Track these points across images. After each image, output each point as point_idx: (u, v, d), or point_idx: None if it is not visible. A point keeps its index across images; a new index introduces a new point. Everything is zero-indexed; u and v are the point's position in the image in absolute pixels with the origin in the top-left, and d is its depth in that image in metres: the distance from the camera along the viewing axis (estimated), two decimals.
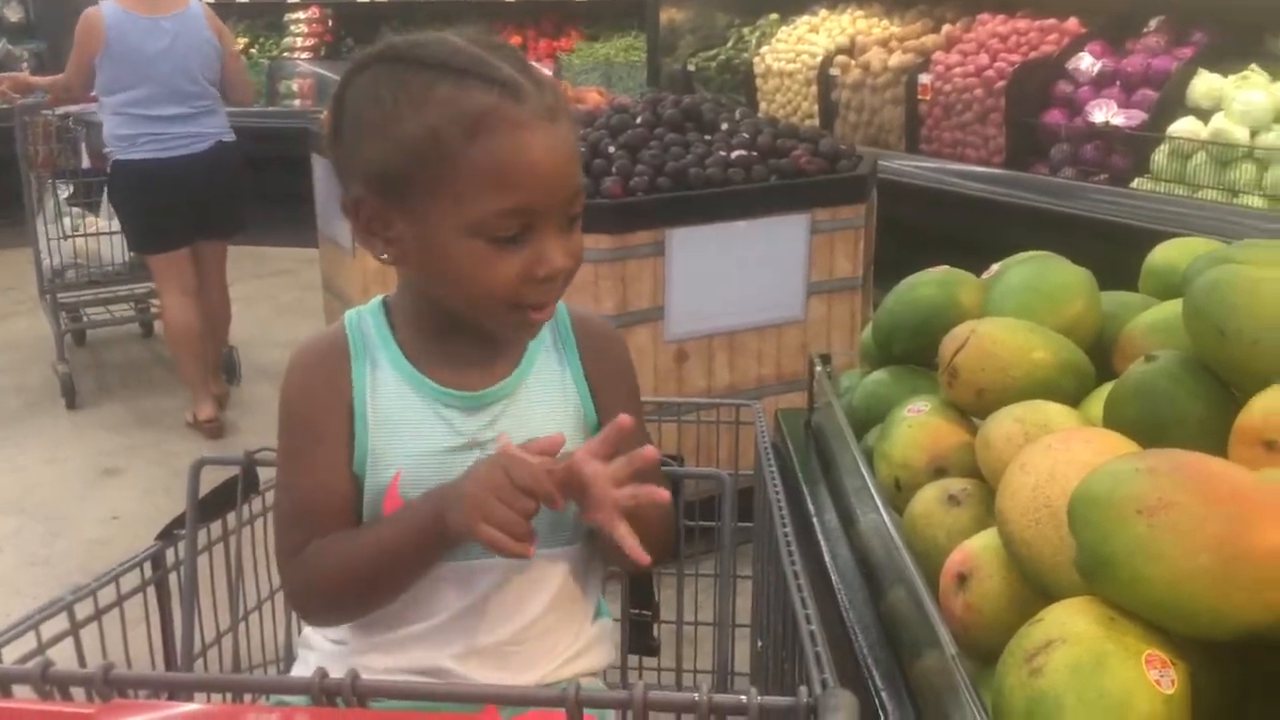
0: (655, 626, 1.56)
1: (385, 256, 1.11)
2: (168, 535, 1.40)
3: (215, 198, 4.26)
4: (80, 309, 5.16)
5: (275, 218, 6.02)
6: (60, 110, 4.74)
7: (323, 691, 0.90)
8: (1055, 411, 1.20)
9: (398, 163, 1.04)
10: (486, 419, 1.15)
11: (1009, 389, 1.28)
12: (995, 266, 1.62)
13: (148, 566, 1.36)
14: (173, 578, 1.40)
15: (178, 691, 1.04)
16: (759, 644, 1.73)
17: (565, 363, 1.22)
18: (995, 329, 1.33)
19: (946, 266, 1.59)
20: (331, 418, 1.13)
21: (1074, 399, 1.29)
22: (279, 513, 1.16)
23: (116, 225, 4.61)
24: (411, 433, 1.13)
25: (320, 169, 4.76)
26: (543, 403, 1.19)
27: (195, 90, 4.19)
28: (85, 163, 4.88)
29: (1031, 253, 1.61)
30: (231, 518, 1.42)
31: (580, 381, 1.22)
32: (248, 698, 1.21)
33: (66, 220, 4.86)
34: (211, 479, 1.44)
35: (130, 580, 1.33)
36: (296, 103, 7.34)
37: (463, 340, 1.15)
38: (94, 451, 4.16)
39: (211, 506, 1.39)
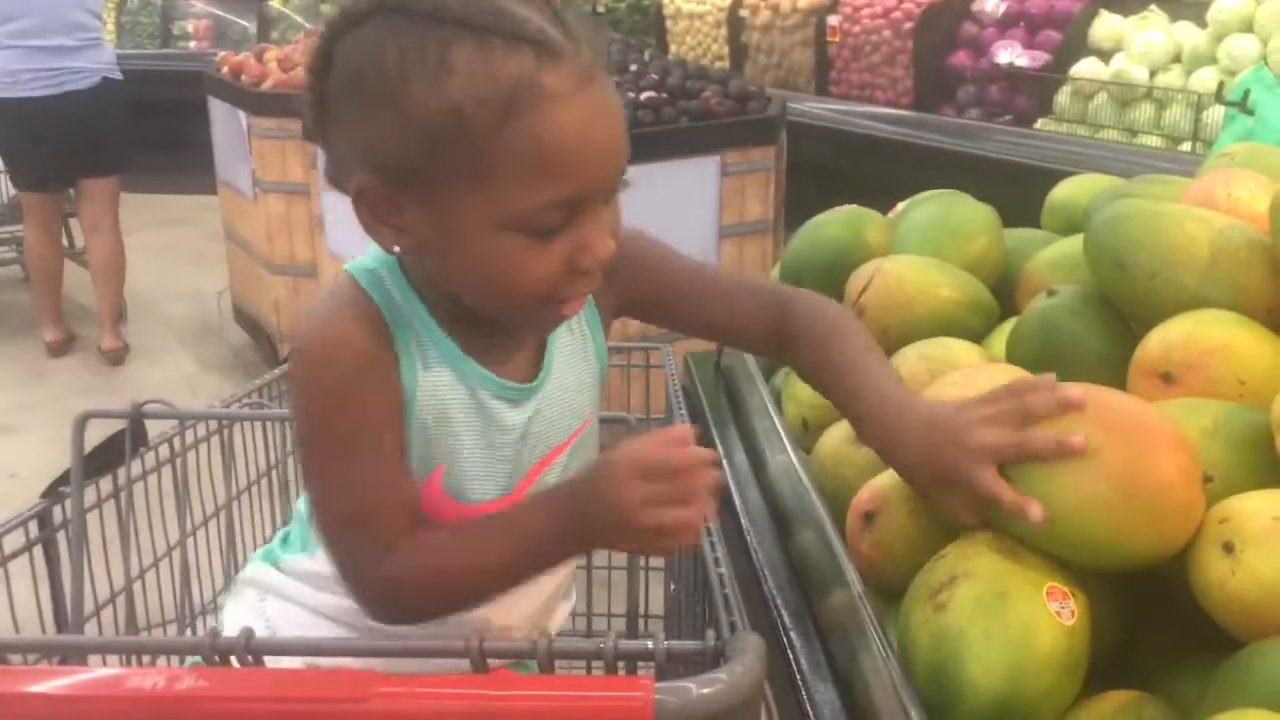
0: None
1: (397, 249, 0.93)
2: (54, 493, 1.34)
3: (99, 136, 4.17)
4: None
5: (172, 164, 5.83)
6: None
7: (214, 651, 0.87)
8: (960, 349, 1.20)
9: (412, 148, 0.86)
10: (532, 408, 1.02)
11: (914, 327, 1.28)
12: (900, 205, 1.61)
13: (33, 526, 1.30)
14: (61, 537, 1.34)
15: (69, 656, 1.00)
16: (671, 586, 1.73)
17: (583, 319, 1.08)
18: (900, 267, 1.33)
19: (853, 206, 1.58)
20: (383, 407, 0.96)
21: (979, 336, 1.30)
22: (333, 518, 0.97)
23: None
24: (462, 426, 0.99)
25: (218, 112, 4.61)
26: (571, 371, 1.06)
27: (82, 20, 4.05)
28: None
29: (934, 191, 1.61)
30: (121, 474, 1.36)
31: (595, 322, 1.09)
32: (145, 660, 1.17)
33: None
34: (99, 434, 1.38)
35: (14, 540, 1.27)
36: (193, 44, 7.09)
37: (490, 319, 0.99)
38: None
39: (99, 462, 1.34)
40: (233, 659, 0.87)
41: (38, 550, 1.32)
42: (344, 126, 0.90)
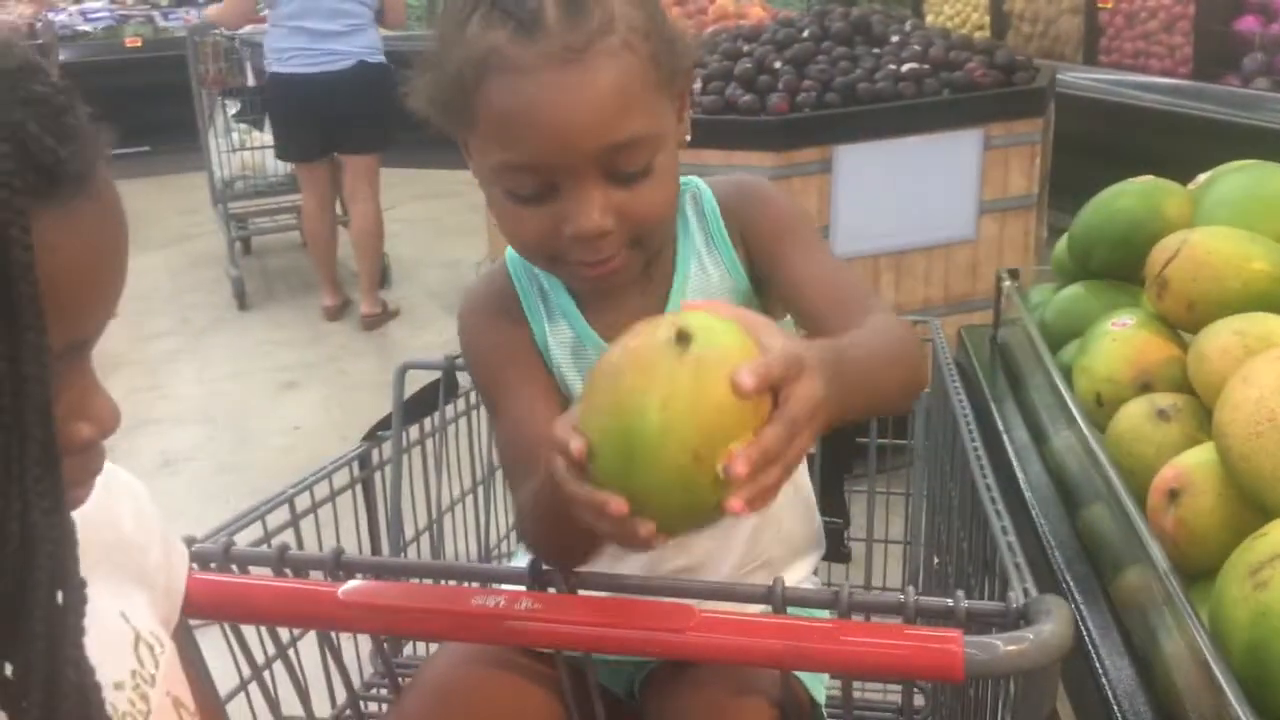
0: (845, 535, 1.57)
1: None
2: (373, 436, 1.46)
3: (355, 115, 4.42)
4: (248, 219, 5.48)
5: (438, 140, 6.13)
6: (228, 32, 4.98)
7: (536, 580, 0.94)
8: (1277, 324, 1.15)
9: (442, 97, 0.95)
10: None
11: (1224, 301, 1.22)
12: (1203, 176, 1.54)
13: (356, 465, 1.43)
14: (377, 476, 1.47)
15: (400, 577, 1.11)
16: (935, 560, 1.72)
17: (721, 262, 1.09)
18: (1210, 238, 1.27)
19: (1150, 176, 1.52)
20: (513, 356, 1.07)
21: None
22: (499, 452, 1.11)
23: None
24: (583, 374, 1.05)
25: None
26: (702, 296, 1.07)
27: (347, 7, 4.35)
28: (250, 80, 5.17)
29: (1242, 161, 1.53)
30: (432, 420, 1.48)
31: (739, 274, 1.09)
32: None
33: (234, 135, 5.19)
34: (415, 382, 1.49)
35: (341, 478, 1.40)
36: None
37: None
38: (274, 367, 4.38)
39: (414, 409, 1.45)
40: (551, 589, 0.94)
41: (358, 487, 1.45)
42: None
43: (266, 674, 1.14)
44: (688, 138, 1.02)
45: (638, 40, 0.91)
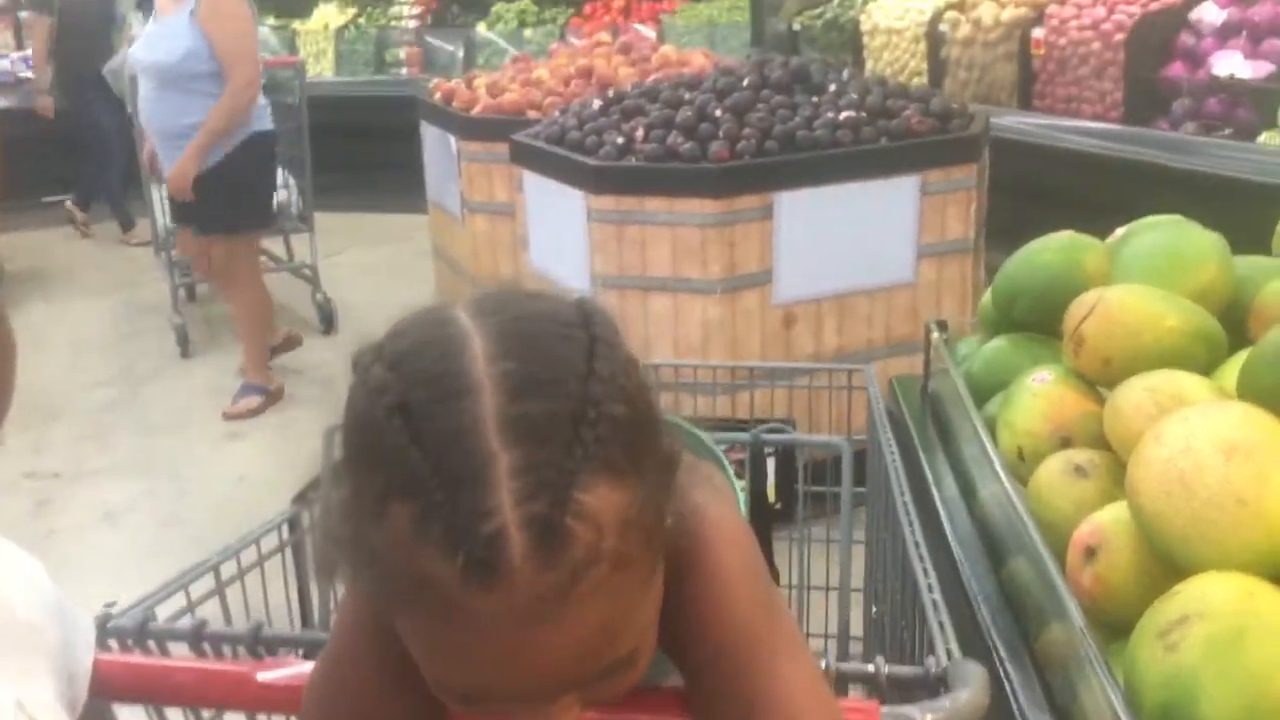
0: None
1: None
2: (302, 499, 1.45)
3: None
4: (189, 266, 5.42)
5: (385, 186, 6.14)
6: None
7: None
8: (1189, 382, 1.18)
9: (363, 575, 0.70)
10: None
11: (1138, 358, 1.25)
12: (1120, 231, 1.58)
13: (284, 529, 1.42)
14: (308, 540, 1.45)
15: (318, 651, 1.10)
16: (874, 609, 1.73)
17: None
18: (1124, 295, 1.30)
19: (1070, 232, 1.55)
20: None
21: (1206, 368, 1.26)
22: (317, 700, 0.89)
23: None
24: None
25: (430, 136, 4.84)
26: None
27: None
28: None
29: (1158, 217, 1.57)
30: None
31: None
32: None
33: None
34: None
35: (269, 542, 1.39)
36: (404, 71, 7.45)
37: None
38: (218, 417, 4.32)
39: None
40: None
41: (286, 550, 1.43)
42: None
43: None
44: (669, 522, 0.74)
45: (629, 544, 0.67)
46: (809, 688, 0.78)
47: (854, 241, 3.27)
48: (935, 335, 1.73)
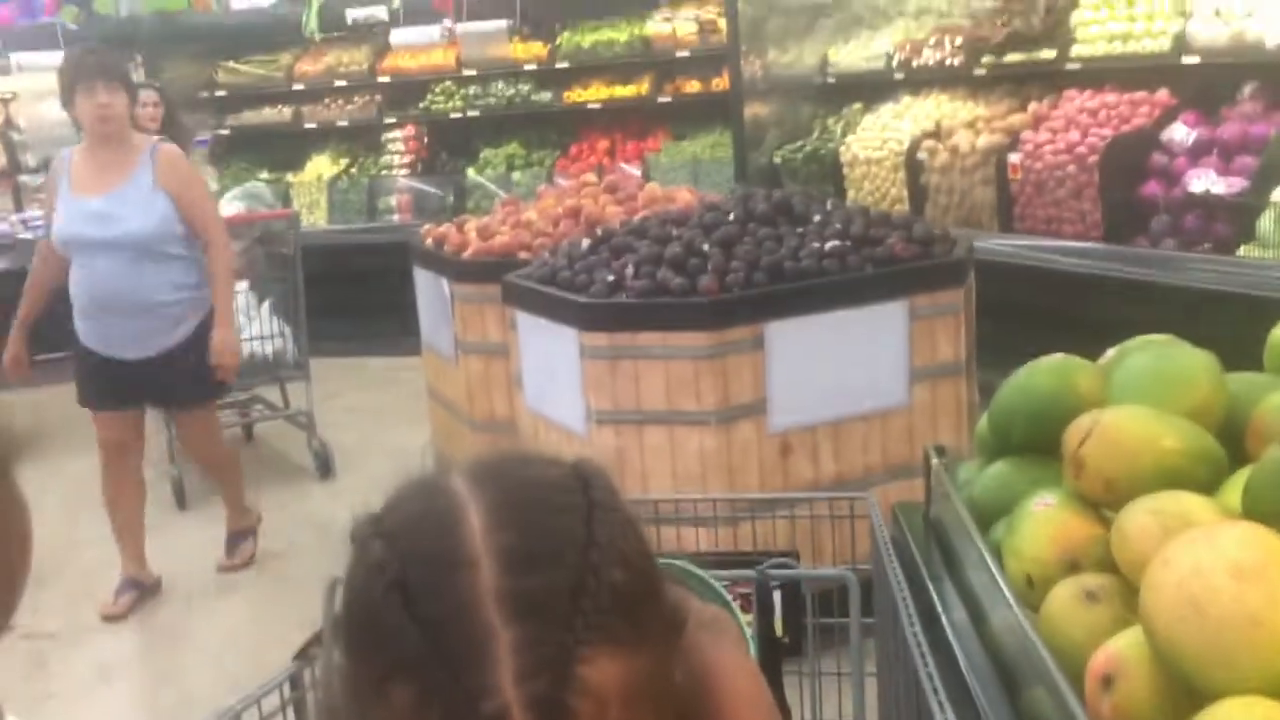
0: None
1: None
2: (304, 655, 1.43)
3: None
4: None
5: (378, 330, 6.20)
6: None
7: None
8: (1193, 503, 1.17)
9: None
10: None
11: (1139, 479, 1.25)
12: (1111, 352, 1.59)
13: (286, 687, 1.39)
14: (310, 697, 1.42)
15: None
16: None
17: None
18: (1120, 417, 1.31)
19: (1062, 355, 1.57)
20: None
21: (1207, 487, 1.26)
22: None
23: None
24: None
25: (423, 280, 4.91)
26: None
27: None
28: None
29: (1149, 337, 1.58)
30: None
31: None
32: None
33: None
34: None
35: (270, 702, 1.36)
36: (396, 217, 7.59)
37: None
38: (215, 569, 4.26)
39: None
40: None
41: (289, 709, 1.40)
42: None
43: None
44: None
45: (636, 713, 0.66)
46: None
47: (846, 367, 3.29)
48: (935, 462, 1.73)
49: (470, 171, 7.75)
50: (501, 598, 0.64)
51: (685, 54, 7.16)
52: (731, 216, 3.55)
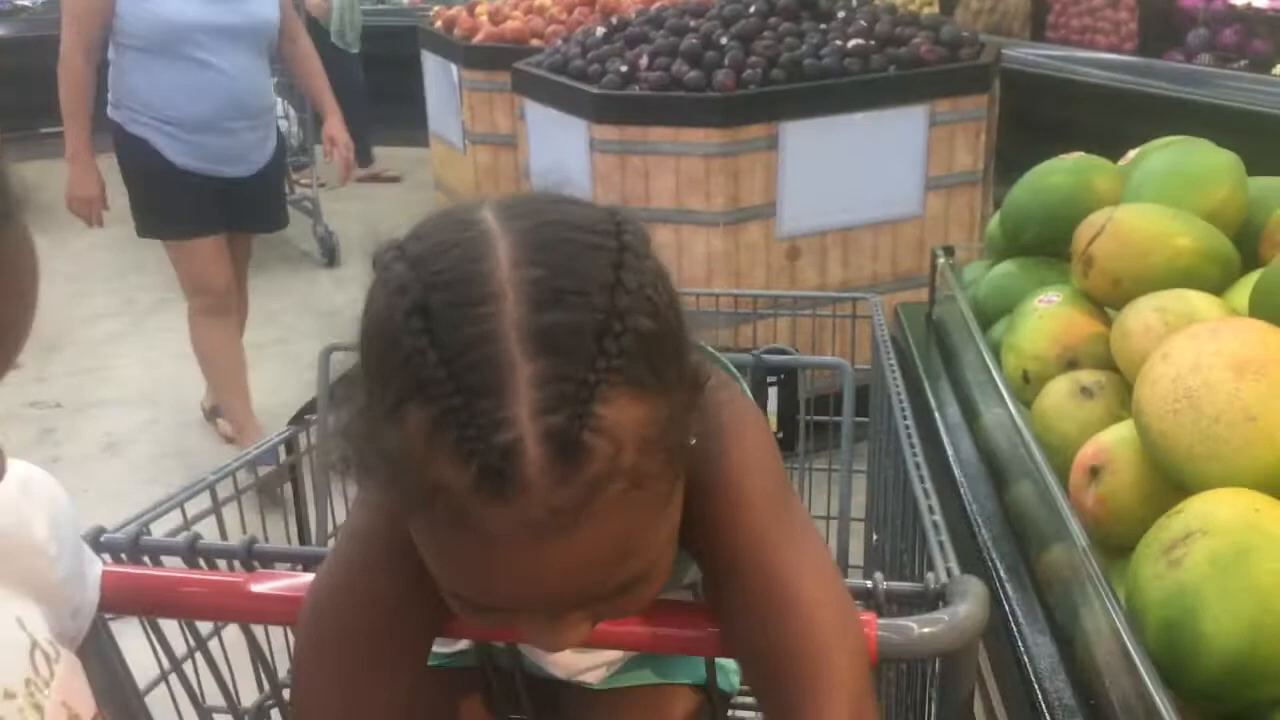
0: None
1: None
2: (300, 420, 1.44)
3: None
4: None
5: (387, 117, 6.07)
6: None
7: None
8: (1199, 301, 1.15)
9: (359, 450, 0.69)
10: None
11: (1148, 278, 1.23)
12: (1132, 152, 1.54)
13: (281, 450, 1.41)
14: (305, 461, 1.45)
15: (314, 565, 1.09)
16: (874, 538, 1.72)
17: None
18: (1134, 215, 1.27)
19: (1081, 153, 1.52)
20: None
21: (1218, 288, 1.23)
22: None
23: None
24: None
25: (431, 66, 4.77)
26: None
27: None
28: None
29: (1172, 137, 1.53)
30: None
31: (682, 570, 0.90)
32: None
33: None
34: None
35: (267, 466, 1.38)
36: (405, 1, 7.33)
37: None
38: None
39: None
40: None
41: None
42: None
43: (189, 664, 1.12)
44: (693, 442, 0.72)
45: (650, 462, 0.65)
46: (819, 581, 0.80)
47: (860, 173, 3.22)
48: (941, 260, 1.71)
49: None
50: (525, 331, 0.63)
51: None
52: (752, 9, 3.41)
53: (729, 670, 1.11)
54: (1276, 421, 0.94)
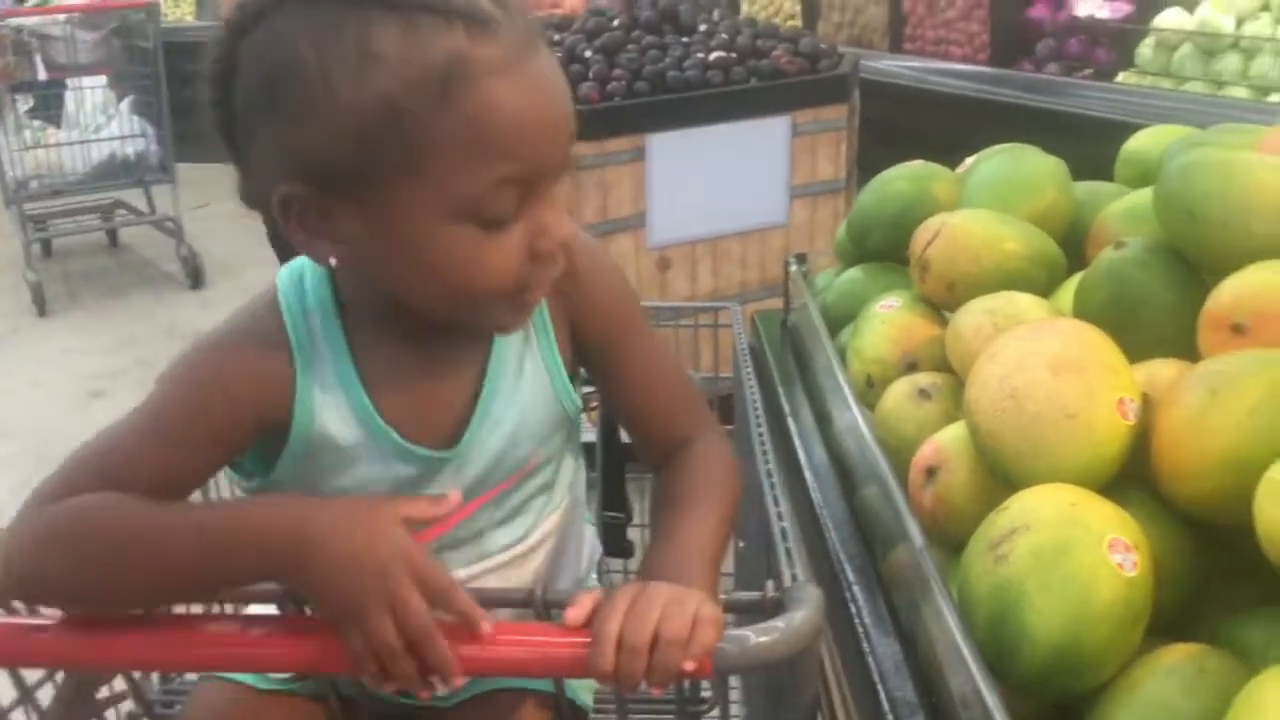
0: (627, 530, 1.57)
1: (334, 261, 0.85)
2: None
3: None
4: (48, 220, 5.20)
5: None
6: (14, 22, 4.67)
7: (290, 599, 0.90)
8: (1027, 303, 1.19)
9: (343, 147, 0.78)
10: (445, 467, 0.96)
11: (980, 281, 1.26)
12: (969, 160, 1.59)
13: None
14: None
15: None
16: (740, 544, 1.74)
17: (539, 357, 0.99)
18: (966, 220, 1.31)
19: (920, 161, 1.56)
20: (236, 432, 0.91)
21: (1046, 290, 1.28)
22: (79, 451, 0.95)
23: (77, 135, 4.57)
24: (348, 476, 0.94)
25: None
26: (511, 418, 0.97)
27: None
28: (42, 74, 4.85)
29: (1004, 145, 1.58)
30: None
31: (556, 370, 1.00)
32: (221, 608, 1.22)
33: (27, 133, 4.87)
34: None
35: None
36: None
37: (425, 349, 0.94)
38: (78, 376, 4.15)
39: None
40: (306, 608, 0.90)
41: None
42: (260, 137, 0.82)
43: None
44: None
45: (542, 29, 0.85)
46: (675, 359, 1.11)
47: (727, 183, 3.26)
48: (794, 268, 1.74)
49: None
50: None
51: None
52: (616, 23, 3.43)
53: (579, 688, 1.11)
54: (1094, 418, 0.98)
